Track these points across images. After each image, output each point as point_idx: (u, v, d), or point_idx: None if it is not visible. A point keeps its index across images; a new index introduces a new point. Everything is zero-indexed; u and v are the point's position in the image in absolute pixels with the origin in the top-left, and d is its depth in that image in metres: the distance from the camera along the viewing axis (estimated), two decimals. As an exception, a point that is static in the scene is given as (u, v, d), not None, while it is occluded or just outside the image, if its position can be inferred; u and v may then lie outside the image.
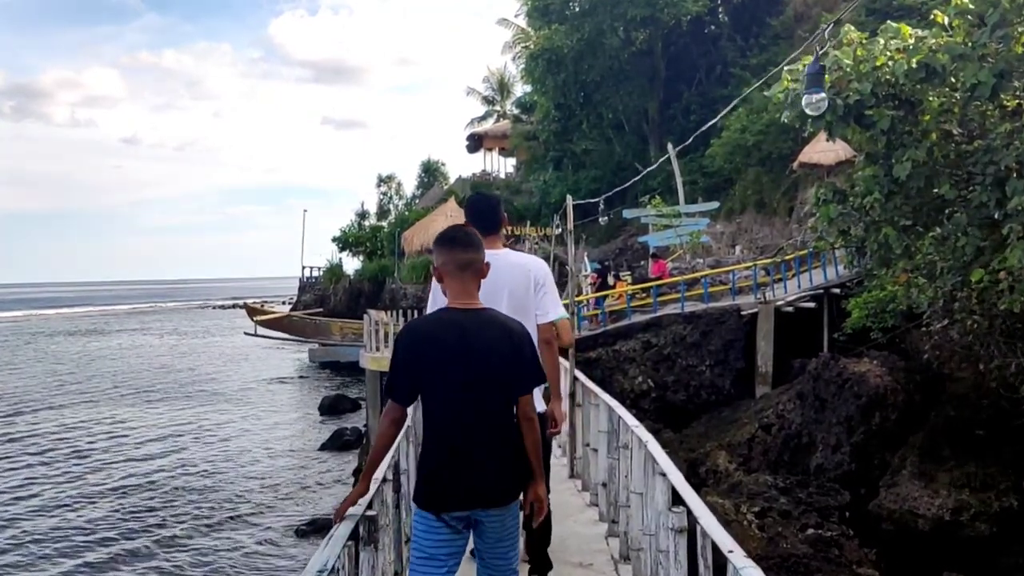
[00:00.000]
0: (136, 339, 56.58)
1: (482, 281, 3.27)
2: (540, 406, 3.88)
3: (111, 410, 26.67)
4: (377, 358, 15.54)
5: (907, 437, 10.76)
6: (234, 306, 58.43)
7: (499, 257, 3.87)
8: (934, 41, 8.02)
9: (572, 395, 6.03)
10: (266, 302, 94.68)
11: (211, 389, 30.87)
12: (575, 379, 6.16)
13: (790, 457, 11.88)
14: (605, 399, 5.81)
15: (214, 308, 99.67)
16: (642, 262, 25.70)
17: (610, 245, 31.76)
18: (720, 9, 32.75)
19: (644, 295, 17.14)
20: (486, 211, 4.18)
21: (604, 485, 5.77)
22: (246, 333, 23.75)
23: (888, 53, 8.70)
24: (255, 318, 23.21)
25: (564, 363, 7.55)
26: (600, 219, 19.58)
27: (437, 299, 3.82)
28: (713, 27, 33.16)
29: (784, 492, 9.84)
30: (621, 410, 5.28)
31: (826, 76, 9.03)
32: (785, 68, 9.45)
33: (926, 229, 9.70)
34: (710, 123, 12.76)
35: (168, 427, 23.77)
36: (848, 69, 8.82)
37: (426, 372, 3.02)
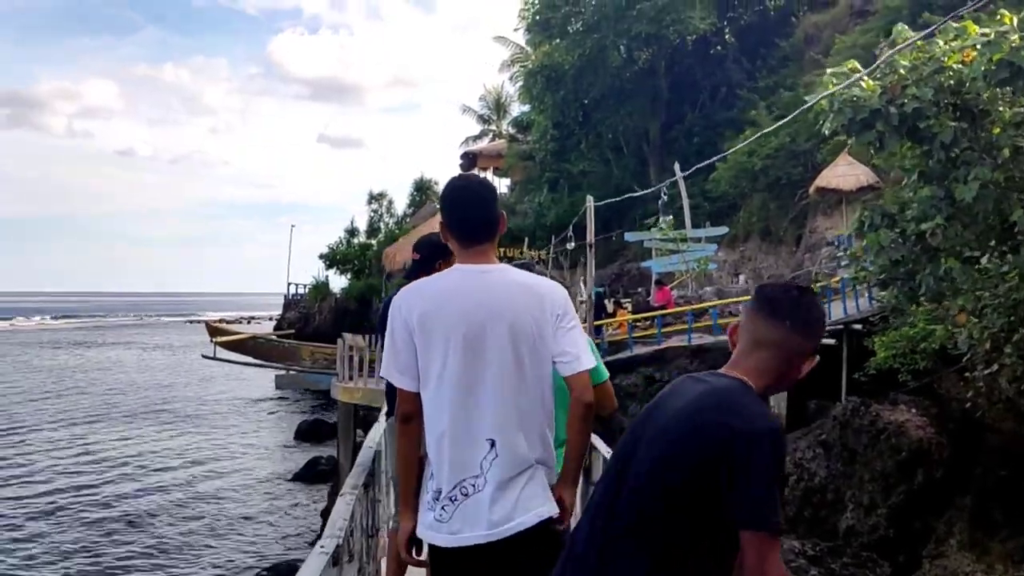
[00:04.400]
0: (119, 353, 55.00)
1: (467, 308, 2.38)
2: (550, 507, 2.43)
3: (77, 430, 25.16)
4: (350, 388, 14.01)
5: (952, 498, 9.41)
6: (220, 321, 56.73)
7: (494, 275, 2.48)
8: (1016, 37, 6.75)
9: (587, 469, 4.06)
10: (253, 318, 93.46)
11: (186, 410, 29.37)
12: (592, 448, 4.32)
13: (812, 514, 10.50)
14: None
15: (202, 323, 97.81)
16: (639, 289, 24.42)
17: (607, 270, 30.49)
18: (727, 29, 31.69)
19: (648, 325, 15.82)
20: (474, 203, 2.56)
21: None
22: (204, 356, 21.88)
23: (952, 54, 7.45)
24: (215, 339, 21.40)
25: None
26: (662, 220, 18.22)
27: None
28: (719, 48, 32.08)
29: (814, 562, 8.44)
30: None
31: (872, 82, 7.82)
32: (828, 71, 8.21)
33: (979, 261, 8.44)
34: (734, 149, 11.51)
35: (135, 450, 22.29)
36: (904, 72, 7.57)
37: None
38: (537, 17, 33.16)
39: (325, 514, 15.03)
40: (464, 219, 2.53)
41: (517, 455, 2.40)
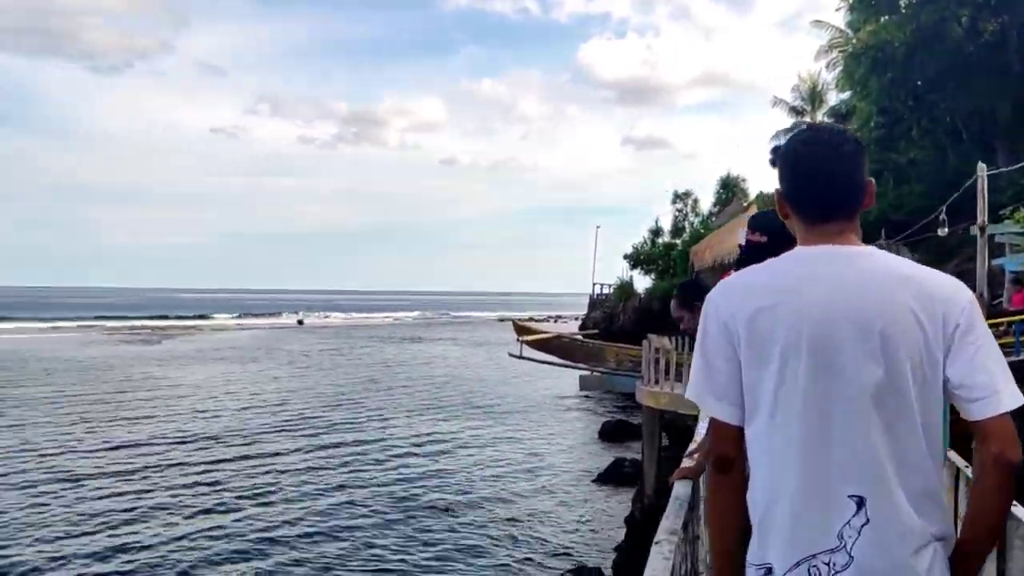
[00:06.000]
0: (441, 349, 59.67)
1: (818, 307, 1.67)
2: None
3: (403, 421, 27.18)
4: (655, 393, 13.43)
5: None
6: (529, 320, 59.53)
7: (859, 261, 1.73)
8: None
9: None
10: (560, 317, 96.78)
11: (497, 405, 30.67)
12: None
13: None
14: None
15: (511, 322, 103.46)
16: (982, 292, 21.26)
17: (942, 269, 27.09)
18: (1103, -16, 26.80)
19: (1003, 331, 13.51)
20: (830, 162, 1.78)
21: None
22: (510, 355, 22.39)
23: None
24: (521, 337, 21.74)
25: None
26: None
27: None
28: (1091, 7, 27.24)
29: None
30: None
31: None
32: None
33: None
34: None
35: (450, 442, 23.51)
36: None
37: None
38: (862, -6, 30.46)
39: (629, 520, 14.65)
40: (815, 185, 1.78)
41: (897, 521, 1.63)
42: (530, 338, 22.92)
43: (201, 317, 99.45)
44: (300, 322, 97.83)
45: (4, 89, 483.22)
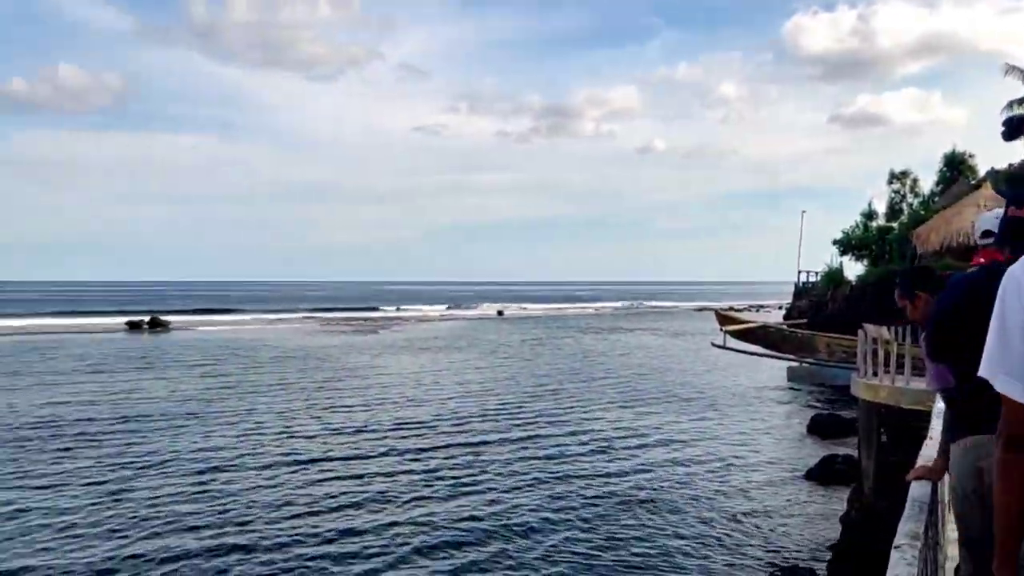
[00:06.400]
0: (642, 339, 59.44)
1: None
2: None
3: (597, 409, 27.29)
4: (873, 385, 12.56)
5: None
6: (729, 309, 58.09)
7: None
8: None
9: None
10: (762, 306, 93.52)
11: (700, 396, 30.08)
12: None
13: None
14: None
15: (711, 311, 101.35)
16: None
17: None
18: None
19: None
20: None
21: None
22: (714, 344, 21.71)
23: None
24: (724, 327, 21.01)
25: None
26: None
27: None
28: None
29: None
30: None
31: None
32: None
33: None
34: None
35: (654, 434, 23.31)
36: None
37: None
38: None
39: (844, 520, 13.89)
40: None
41: None
42: (734, 328, 22.19)
43: (410, 308, 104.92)
44: (500, 312, 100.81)
45: (232, 99, 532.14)
